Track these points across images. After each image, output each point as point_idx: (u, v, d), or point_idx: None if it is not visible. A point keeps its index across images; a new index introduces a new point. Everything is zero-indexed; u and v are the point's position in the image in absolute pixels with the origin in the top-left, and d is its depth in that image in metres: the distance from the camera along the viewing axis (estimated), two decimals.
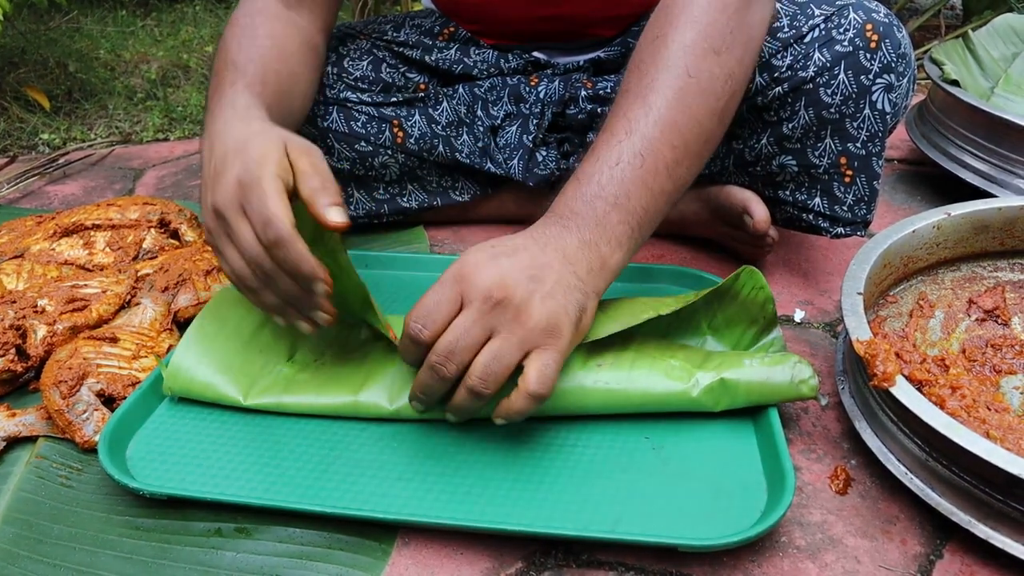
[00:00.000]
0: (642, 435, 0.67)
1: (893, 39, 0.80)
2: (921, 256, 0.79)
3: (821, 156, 0.85)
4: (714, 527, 0.58)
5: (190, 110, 1.61)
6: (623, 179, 0.64)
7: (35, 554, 0.60)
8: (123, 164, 1.38)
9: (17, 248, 0.95)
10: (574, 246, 0.62)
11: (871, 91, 0.81)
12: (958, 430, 0.56)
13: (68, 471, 0.68)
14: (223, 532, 0.61)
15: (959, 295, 0.80)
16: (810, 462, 0.67)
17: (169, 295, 0.86)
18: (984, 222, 0.80)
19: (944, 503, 0.59)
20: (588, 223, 0.63)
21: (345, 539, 0.60)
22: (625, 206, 0.63)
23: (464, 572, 0.58)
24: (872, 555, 0.59)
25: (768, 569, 0.58)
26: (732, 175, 0.93)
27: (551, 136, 0.98)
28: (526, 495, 0.61)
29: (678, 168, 0.66)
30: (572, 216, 0.64)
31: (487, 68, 0.99)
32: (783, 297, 0.91)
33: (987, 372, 0.73)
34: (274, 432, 0.68)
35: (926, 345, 0.75)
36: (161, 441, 0.67)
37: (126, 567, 0.58)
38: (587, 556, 0.59)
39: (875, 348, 0.63)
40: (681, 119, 0.65)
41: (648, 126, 0.65)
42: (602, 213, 0.63)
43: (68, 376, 0.70)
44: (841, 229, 0.89)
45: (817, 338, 0.84)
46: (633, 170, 0.64)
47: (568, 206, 0.64)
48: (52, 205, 1.22)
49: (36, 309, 0.80)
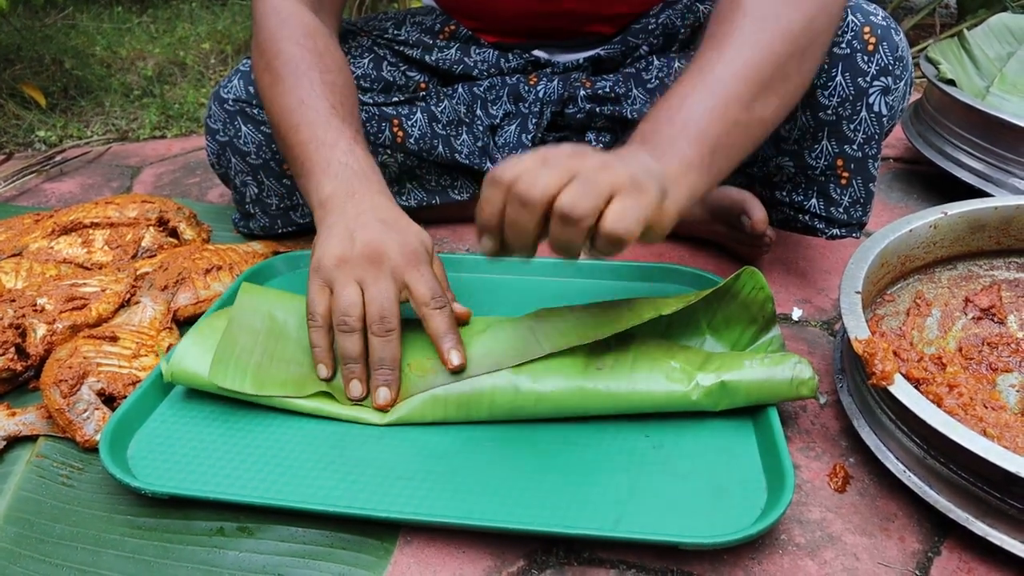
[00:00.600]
0: (642, 434, 0.67)
1: (891, 42, 0.80)
2: (918, 255, 0.80)
3: (818, 158, 0.85)
4: (715, 525, 0.58)
5: (187, 107, 1.60)
6: (692, 106, 0.64)
7: (37, 553, 0.60)
8: (120, 162, 1.37)
9: (15, 246, 0.94)
10: (644, 156, 0.61)
11: (868, 93, 0.81)
12: (956, 428, 0.57)
13: (69, 470, 0.68)
14: (225, 531, 0.61)
15: (956, 294, 0.81)
16: (809, 460, 0.68)
17: (169, 294, 0.86)
18: (980, 221, 0.81)
19: (942, 500, 0.60)
20: (654, 143, 0.63)
21: (347, 538, 0.60)
22: (694, 130, 0.63)
23: (466, 570, 0.58)
24: (871, 552, 0.59)
25: (768, 566, 0.58)
26: (730, 175, 0.93)
27: (550, 135, 0.98)
28: (528, 494, 0.61)
29: (755, 102, 0.65)
30: (641, 140, 0.64)
31: (487, 68, 0.99)
32: (781, 296, 0.91)
33: (983, 370, 0.73)
34: (276, 431, 0.68)
35: (923, 343, 0.76)
36: (162, 440, 0.67)
37: (128, 566, 0.58)
38: (588, 554, 0.59)
39: (873, 346, 0.63)
40: (755, 56, 0.65)
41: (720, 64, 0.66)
42: (668, 135, 0.63)
43: (68, 375, 0.70)
44: (837, 230, 0.89)
45: (815, 336, 0.84)
46: (701, 99, 0.64)
47: (640, 132, 0.65)
48: (49, 203, 1.21)
49: (36, 308, 0.80)
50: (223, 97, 0.94)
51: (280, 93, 0.78)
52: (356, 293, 0.66)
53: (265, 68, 0.81)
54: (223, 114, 0.94)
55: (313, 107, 0.76)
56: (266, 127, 0.95)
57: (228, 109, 0.94)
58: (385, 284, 0.66)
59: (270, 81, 0.80)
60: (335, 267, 0.67)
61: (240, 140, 0.94)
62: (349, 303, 0.66)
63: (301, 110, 0.76)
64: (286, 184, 0.97)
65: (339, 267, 0.67)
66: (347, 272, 0.67)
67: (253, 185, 0.97)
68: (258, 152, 0.94)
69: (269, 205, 0.99)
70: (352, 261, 0.67)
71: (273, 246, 1.01)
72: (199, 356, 0.70)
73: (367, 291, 0.66)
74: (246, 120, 0.94)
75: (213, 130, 0.96)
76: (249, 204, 0.99)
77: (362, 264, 0.67)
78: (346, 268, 0.67)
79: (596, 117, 0.95)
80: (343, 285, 0.67)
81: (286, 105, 0.77)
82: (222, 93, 0.95)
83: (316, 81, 0.78)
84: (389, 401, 0.68)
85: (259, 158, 0.95)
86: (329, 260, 0.67)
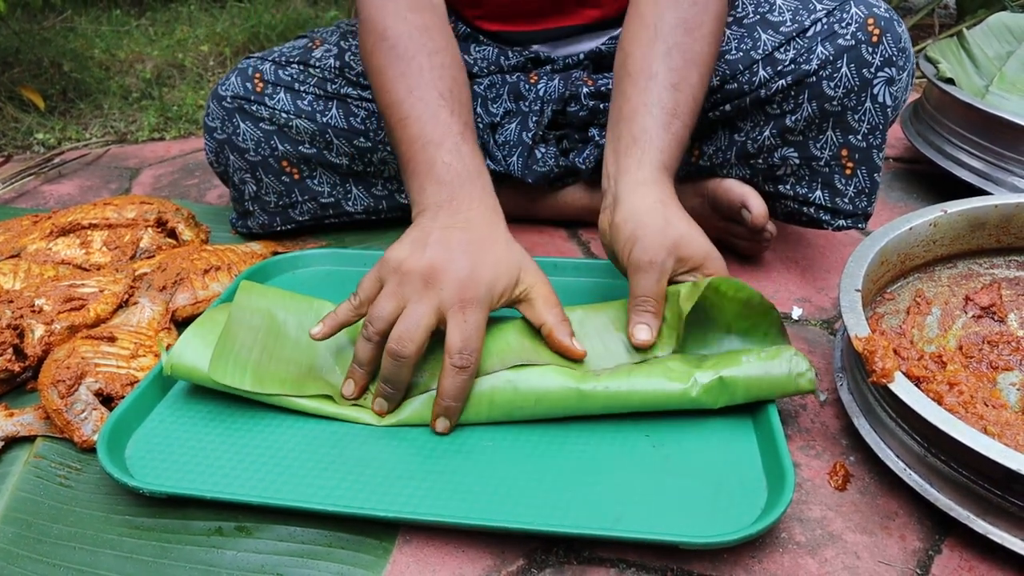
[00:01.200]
0: (642, 433, 0.67)
1: (894, 33, 0.81)
2: (918, 253, 0.80)
3: (823, 148, 0.86)
4: (715, 524, 0.58)
5: (185, 109, 1.60)
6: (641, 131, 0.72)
7: (35, 554, 0.60)
8: (119, 164, 1.37)
9: (14, 248, 0.94)
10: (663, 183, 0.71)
11: (872, 84, 0.82)
12: (957, 426, 0.57)
13: (67, 471, 0.67)
14: (223, 531, 0.61)
15: (956, 292, 0.81)
16: (809, 458, 0.68)
17: (167, 294, 0.86)
18: (980, 219, 0.81)
19: (943, 498, 0.59)
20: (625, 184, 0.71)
21: (346, 537, 0.60)
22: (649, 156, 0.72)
23: (466, 569, 0.58)
24: (871, 550, 0.59)
25: (768, 565, 0.58)
26: (734, 167, 0.93)
27: (550, 133, 0.98)
28: (527, 493, 0.61)
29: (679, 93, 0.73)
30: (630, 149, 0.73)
31: (487, 65, 0.99)
32: (781, 295, 0.91)
33: (984, 368, 0.73)
34: (275, 430, 0.68)
35: (923, 342, 0.76)
36: (160, 440, 0.67)
37: (126, 566, 0.58)
38: (588, 553, 0.59)
39: (873, 344, 0.63)
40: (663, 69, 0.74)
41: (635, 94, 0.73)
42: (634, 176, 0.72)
43: (66, 375, 0.70)
44: (842, 221, 0.89)
45: (815, 335, 0.84)
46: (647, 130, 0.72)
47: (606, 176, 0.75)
48: (48, 205, 1.21)
49: (33, 309, 0.80)
50: (221, 95, 0.95)
51: (389, 80, 0.76)
52: (394, 307, 0.65)
53: (373, 49, 0.78)
54: (221, 111, 0.94)
55: (422, 98, 0.74)
56: (265, 124, 0.95)
57: (226, 106, 0.94)
58: (424, 311, 0.64)
59: (379, 65, 0.77)
60: (392, 270, 0.66)
61: (238, 137, 0.94)
62: (382, 313, 0.65)
63: (410, 101, 0.74)
64: (284, 181, 0.97)
65: (395, 273, 0.66)
66: (398, 281, 0.65)
67: (252, 183, 0.97)
68: (256, 149, 0.94)
69: (268, 202, 0.98)
70: (409, 272, 0.65)
71: (272, 247, 1.00)
72: (200, 351, 0.69)
73: (405, 309, 0.65)
74: (244, 117, 0.94)
75: (211, 128, 0.96)
76: (248, 202, 0.99)
77: (414, 280, 0.65)
78: (399, 277, 0.65)
79: (599, 114, 0.95)
80: (387, 295, 0.65)
81: (395, 94, 0.75)
82: (220, 91, 0.95)
83: (425, 66, 0.75)
84: (384, 412, 0.67)
85: (257, 155, 0.95)
86: (393, 261, 0.66)
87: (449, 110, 0.74)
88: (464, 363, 0.64)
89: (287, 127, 0.94)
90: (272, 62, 0.97)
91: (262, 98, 0.94)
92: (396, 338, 0.64)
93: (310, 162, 0.97)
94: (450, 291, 0.64)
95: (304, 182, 0.98)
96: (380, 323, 0.65)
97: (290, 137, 0.95)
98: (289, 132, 0.95)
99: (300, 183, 0.98)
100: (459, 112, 0.75)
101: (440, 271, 0.65)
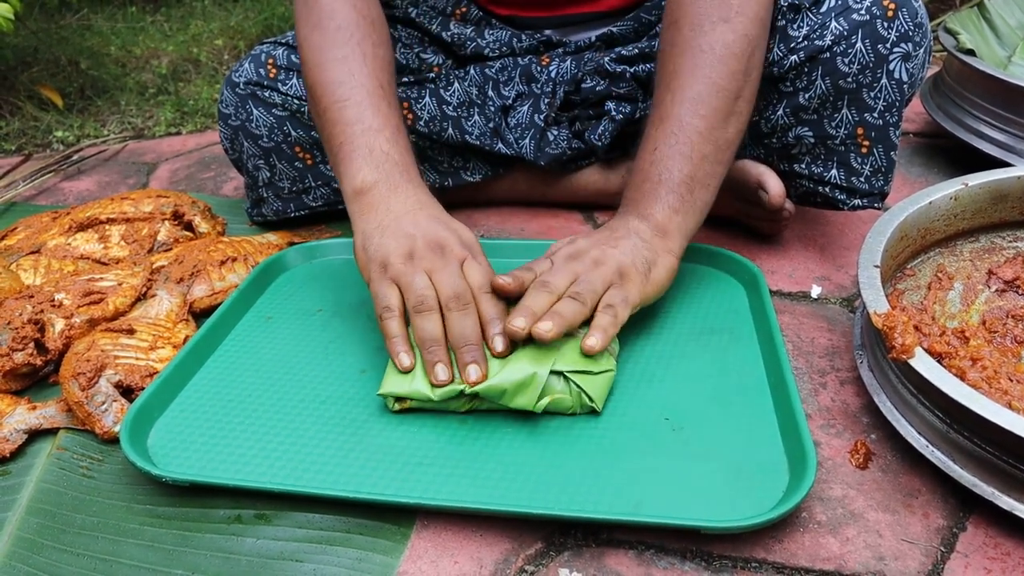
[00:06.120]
0: (662, 415, 0.66)
1: (910, 8, 0.79)
2: (939, 228, 0.78)
3: (838, 127, 0.84)
4: (736, 508, 0.57)
5: (201, 104, 1.61)
6: (662, 159, 0.74)
7: (59, 543, 0.61)
8: (136, 159, 1.38)
9: (34, 244, 0.95)
10: (635, 222, 0.74)
11: (888, 60, 0.79)
12: (980, 401, 0.56)
13: (89, 462, 0.68)
14: (243, 518, 0.61)
15: (978, 266, 0.79)
16: (829, 437, 0.67)
17: (184, 286, 0.86)
18: (1002, 192, 0.79)
19: (967, 475, 0.58)
20: (640, 202, 0.74)
21: (365, 523, 0.60)
22: (668, 180, 0.73)
23: (484, 553, 0.58)
24: (894, 529, 0.58)
25: (789, 545, 0.57)
26: (748, 148, 0.92)
27: (563, 115, 0.97)
28: (547, 478, 0.61)
29: (714, 131, 0.74)
30: (629, 204, 0.76)
31: (500, 47, 0.98)
32: (799, 273, 0.90)
33: (1008, 343, 0.72)
34: (293, 418, 0.68)
35: (945, 317, 0.74)
36: (181, 429, 0.68)
37: (148, 554, 0.59)
38: (607, 535, 0.59)
39: (893, 320, 0.62)
40: (703, 90, 0.73)
41: (674, 106, 0.74)
42: (649, 191, 0.74)
43: (86, 368, 0.71)
44: (858, 201, 0.87)
45: (835, 314, 0.83)
46: (668, 148, 0.74)
47: (626, 198, 0.77)
48: (67, 201, 1.22)
49: (54, 303, 0.80)
50: (234, 81, 0.95)
51: (329, 59, 0.77)
52: (427, 281, 0.67)
53: (315, 26, 0.79)
54: (235, 98, 0.95)
55: (363, 85, 0.76)
56: (278, 110, 0.95)
57: (239, 93, 0.94)
58: (453, 268, 0.68)
59: (320, 43, 0.78)
60: (404, 263, 0.68)
61: (252, 124, 0.94)
62: (423, 286, 0.67)
63: (350, 84, 0.76)
64: (298, 167, 0.97)
65: (407, 262, 0.68)
66: (415, 265, 0.68)
67: (265, 169, 0.97)
68: (270, 135, 0.95)
69: (281, 188, 0.99)
70: (418, 254, 0.68)
71: (288, 236, 1.01)
72: None
73: (436, 277, 0.67)
74: (257, 103, 0.94)
75: (225, 115, 0.96)
76: (262, 188, 1.00)
77: (428, 256, 0.68)
78: (413, 262, 0.68)
79: (622, 81, 0.94)
80: (413, 275, 0.67)
81: (335, 75, 0.76)
82: (234, 77, 0.95)
83: (369, 55, 0.77)
84: (481, 376, 0.65)
85: (271, 141, 0.95)
86: (397, 258, 0.68)
87: (388, 102, 0.77)
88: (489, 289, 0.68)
89: (300, 112, 0.95)
90: (285, 46, 0.97)
91: (275, 84, 0.94)
92: (451, 295, 0.66)
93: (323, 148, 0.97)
94: (457, 249, 0.70)
95: (317, 167, 0.98)
96: (429, 292, 0.67)
97: (303, 122, 0.95)
98: (302, 117, 0.95)
99: (313, 168, 0.98)
100: (396, 106, 0.78)
101: (441, 240, 0.70)
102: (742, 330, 0.76)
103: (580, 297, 0.66)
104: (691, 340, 0.76)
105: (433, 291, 0.67)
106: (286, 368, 0.75)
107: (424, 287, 0.67)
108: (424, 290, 0.67)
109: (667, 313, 0.79)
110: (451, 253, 0.69)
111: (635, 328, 0.76)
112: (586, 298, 0.66)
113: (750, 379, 0.70)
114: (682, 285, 0.83)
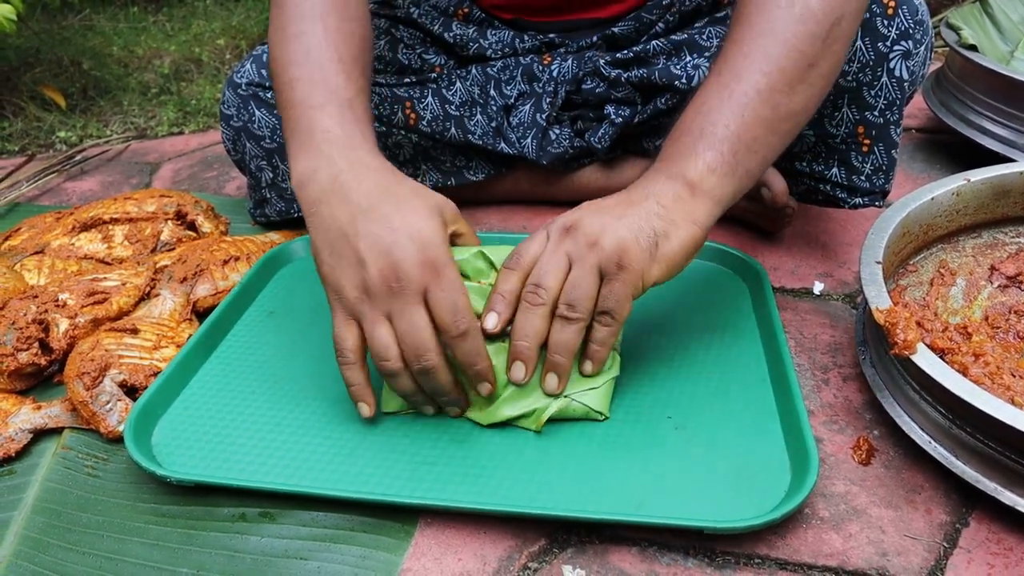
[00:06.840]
0: (664, 414, 0.66)
1: (910, 5, 0.79)
2: (941, 223, 0.78)
3: (838, 125, 0.84)
4: (738, 508, 0.57)
5: (204, 103, 1.61)
6: (708, 111, 0.63)
7: (64, 542, 0.61)
8: (139, 159, 1.39)
9: (38, 244, 0.96)
10: (660, 182, 0.62)
11: (888, 58, 0.79)
12: (983, 397, 0.56)
13: (94, 461, 0.69)
14: (247, 517, 0.61)
15: (980, 262, 0.79)
16: (832, 433, 0.67)
17: (188, 286, 0.86)
18: (1005, 187, 0.79)
19: (969, 471, 0.59)
20: (673, 158, 0.63)
21: (368, 521, 0.60)
22: (712, 133, 0.62)
23: (487, 551, 0.58)
24: (897, 525, 0.58)
25: (792, 541, 0.57)
26: None
27: (564, 114, 0.98)
28: (549, 477, 0.61)
29: (776, 94, 0.63)
30: (661, 160, 0.64)
31: (502, 48, 0.98)
32: (802, 270, 0.90)
33: (1011, 339, 0.72)
34: (297, 417, 0.68)
35: (948, 313, 0.74)
36: (185, 428, 0.68)
37: (153, 553, 0.59)
38: (610, 532, 0.59)
39: (895, 316, 0.62)
40: (772, 45, 0.63)
41: (736, 59, 0.64)
42: (686, 145, 0.63)
43: (91, 368, 0.71)
44: (859, 199, 0.87)
45: (837, 310, 0.83)
46: (719, 100, 0.63)
47: (661, 154, 0.65)
48: (70, 201, 1.23)
49: (58, 303, 0.81)
50: (236, 82, 0.95)
51: (286, 38, 0.70)
52: (388, 332, 0.60)
53: (276, 2, 0.72)
54: (237, 99, 0.95)
55: (316, 61, 0.68)
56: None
57: (241, 94, 0.94)
58: (412, 314, 0.59)
59: (279, 20, 0.71)
60: (358, 300, 0.61)
61: (254, 124, 0.95)
62: (383, 337, 0.60)
63: (303, 63, 0.68)
64: None
65: (362, 301, 0.60)
66: (372, 307, 0.60)
67: (268, 170, 0.97)
68: (272, 136, 0.95)
69: (284, 189, 0.99)
70: (373, 291, 0.60)
71: (291, 236, 1.01)
72: None
73: (396, 326, 0.60)
74: (259, 104, 0.94)
75: (227, 116, 0.96)
76: (264, 189, 1.00)
77: (383, 295, 0.59)
78: (369, 302, 0.60)
79: (618, 86, 0.93)
80: (372, 323, 0.60)
81: (290, 54, 0.69)
82: (235, 78, 0.95)
83: (332, 28, 0.70)
84: (462, 410, 0.66)
85: (273, 142, 0.95)
86: (350, 292, 0.61)
87: (345, 75, 0.68)
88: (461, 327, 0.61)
89: None
90: None
91: None
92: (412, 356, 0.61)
93: None
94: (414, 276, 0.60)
95: None
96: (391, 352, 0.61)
97: None
98: None
99: None
100: (355, 78, 0.69)
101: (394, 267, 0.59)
102: (745, 328, 0.77)
103: (574, 312, 0.60)
104: (694, 338, 0.76)
105: (395, 347, 0.60)
106: (288, 365, 0.75)
107: (384, 340, 0.60)
108: (385, 344, 0.60)
109: (670, 311, 0.79)
110: (408, 286, 0.59)
111: (637, 326, 0.76)
112: (581, 308, 0.60)
113: (753, 377, 0.70)
114: (685, 282, 0.83)
